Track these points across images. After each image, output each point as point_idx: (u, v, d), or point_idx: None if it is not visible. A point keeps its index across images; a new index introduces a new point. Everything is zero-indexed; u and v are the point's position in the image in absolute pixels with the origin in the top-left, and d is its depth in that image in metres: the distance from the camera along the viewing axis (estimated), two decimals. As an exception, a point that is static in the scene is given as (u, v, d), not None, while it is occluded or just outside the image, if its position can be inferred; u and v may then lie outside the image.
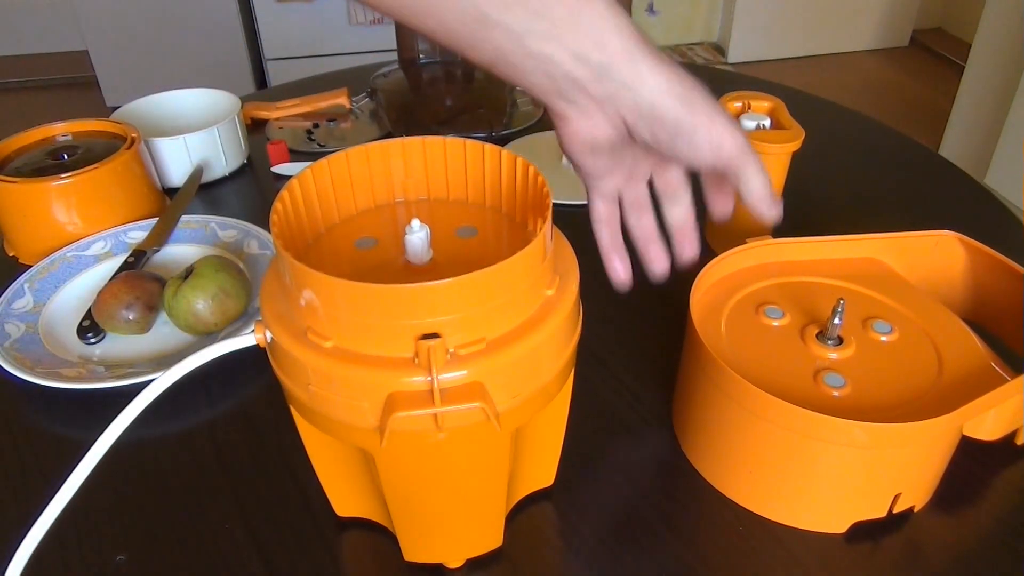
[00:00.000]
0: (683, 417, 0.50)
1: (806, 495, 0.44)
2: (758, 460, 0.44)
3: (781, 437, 0.42)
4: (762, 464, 0.44)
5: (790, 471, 0.44)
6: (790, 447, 0.42)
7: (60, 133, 0.74)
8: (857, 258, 0.54)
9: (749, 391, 0.42)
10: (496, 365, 0.34)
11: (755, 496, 0.46)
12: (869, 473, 0.42)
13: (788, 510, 0.45)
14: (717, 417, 0.46)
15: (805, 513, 0.45)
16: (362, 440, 0.36)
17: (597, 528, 0.46)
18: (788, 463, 0.43)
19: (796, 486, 0.44)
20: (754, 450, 0.44)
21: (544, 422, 0.43)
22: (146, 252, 0.67)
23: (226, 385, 0.55)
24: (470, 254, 0.40)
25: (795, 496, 0.45)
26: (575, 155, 0.39)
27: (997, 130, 1.95)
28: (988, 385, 0.42)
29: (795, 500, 0.45)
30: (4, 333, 0.58)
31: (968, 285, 0.55)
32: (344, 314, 0.33)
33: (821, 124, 0.88)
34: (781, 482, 0.44)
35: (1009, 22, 1.96)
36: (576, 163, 0.40)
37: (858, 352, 0.46)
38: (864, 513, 0.45)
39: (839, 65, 2.88)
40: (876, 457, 0.42)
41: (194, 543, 0.46)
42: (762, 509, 0.46)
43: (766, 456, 0.44)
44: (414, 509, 0.41)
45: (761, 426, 0.43)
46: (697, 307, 0.49)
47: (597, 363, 0.57)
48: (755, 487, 0.46)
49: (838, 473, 0.43)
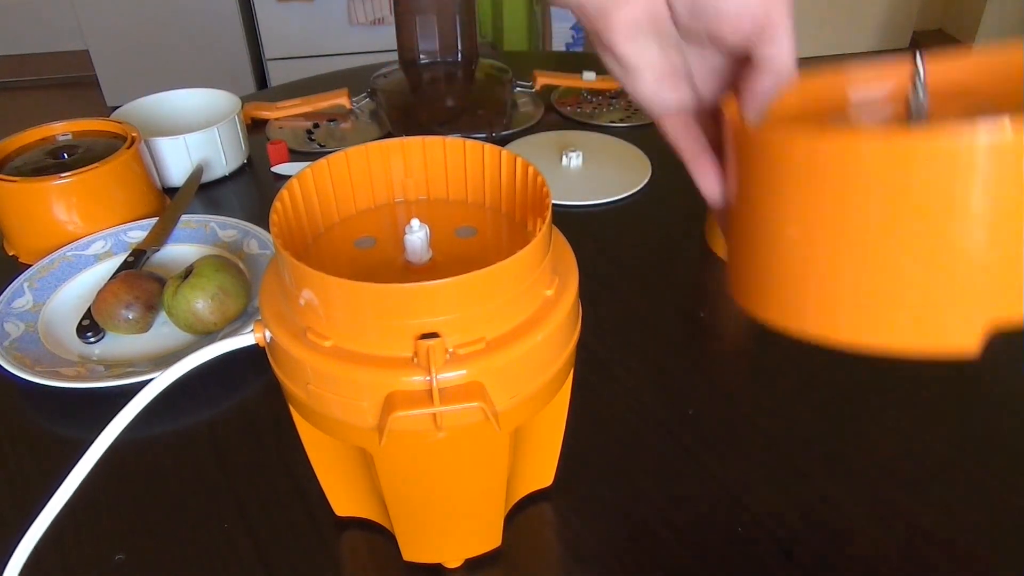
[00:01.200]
0: (746, 258, 0.38)
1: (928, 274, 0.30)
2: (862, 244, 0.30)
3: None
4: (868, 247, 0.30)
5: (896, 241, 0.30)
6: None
7: (60, 132, 0.74)
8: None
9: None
10: (495, 365, 0.34)
11: (858, 310, 0.32)
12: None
13: (900, 316, 0.32)
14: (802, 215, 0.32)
15: (925, 312, 0.31)
16: (361, 440, 0.36)
17: (596, 528, 0.46)
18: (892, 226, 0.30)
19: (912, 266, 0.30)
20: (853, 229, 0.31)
21: (543, 422, 0.43)
22: (146, 252, 0.67)
23: (226, 385, 0.55)
24: (470, 254, 0.40)
25: (911, 287, 0.30)
26: (621, 46, 0.36)
27: (997, 132, 1.95)
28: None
29: (910, 294, 0.31)
30: (4, 332, 0.58)
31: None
32: (343, 314, 0.33)
33: (821, 125, 0.88)
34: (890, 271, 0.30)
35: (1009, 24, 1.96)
36: (626, 57, 0.36)
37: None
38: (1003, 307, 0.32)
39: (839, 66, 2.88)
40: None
41: (193, 542, 0.46)
42: (867, 327, 0.33)
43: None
44: (413, 509, 0.41)
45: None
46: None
47: (597, 363, 0.57)
48: (857, 295, 0.32)
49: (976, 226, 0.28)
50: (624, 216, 0.76)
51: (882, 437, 0.52)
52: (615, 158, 0.84)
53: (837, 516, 0.46)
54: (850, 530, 0.45)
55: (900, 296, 0.31)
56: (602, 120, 0.92)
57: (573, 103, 0.97)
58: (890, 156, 0.28)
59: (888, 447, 0.51)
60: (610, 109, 0.95)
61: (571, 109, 0.95)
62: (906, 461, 0.50)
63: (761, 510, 0.47)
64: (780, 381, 0.56)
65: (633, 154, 0.85)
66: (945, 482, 0.48)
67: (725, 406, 0.54)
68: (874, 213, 0.30)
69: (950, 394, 0.55)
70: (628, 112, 0.94)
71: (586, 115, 0.94)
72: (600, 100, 0.97)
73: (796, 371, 0.57)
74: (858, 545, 0.45)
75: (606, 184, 0.79)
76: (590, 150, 0.85)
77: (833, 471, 0.49)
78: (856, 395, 0.55)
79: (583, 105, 0.96)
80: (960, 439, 0.51)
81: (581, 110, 0.95)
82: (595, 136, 0.89)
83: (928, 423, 0.52)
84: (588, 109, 0.95)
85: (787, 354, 0.58)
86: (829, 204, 0.31)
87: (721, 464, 0.50)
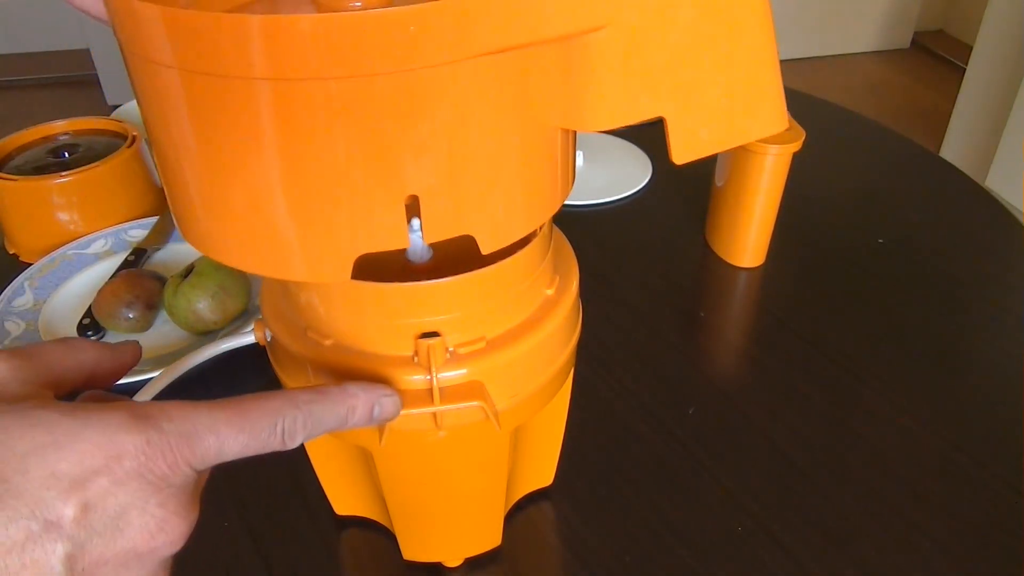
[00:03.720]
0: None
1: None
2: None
3: None
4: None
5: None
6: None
7: (61, 131, 0.74)
8: None
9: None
10: (495, 364, 0.34)
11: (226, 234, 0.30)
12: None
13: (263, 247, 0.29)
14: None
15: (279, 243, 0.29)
16: (361, 439, 0.36)
17: (595, 528, 0.46)
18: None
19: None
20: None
21: (543, 421, 0.43)
22: (147, 250, 0.67)
23: (226, 384, 0.55)
24: (470, 253, 0.40)
25: None
26: None
27: (998, 132, 1.95)
28: None
29: None
30: (4, 331, 0.58)
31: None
32: (344, 313, 0.33)
33: (822, 125, 0.88)
34: None
35: (1010, 24, 1.96)
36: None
37: None
38: None
39: (840, 67, 2.88)
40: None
41: (193, 541, 0.45)
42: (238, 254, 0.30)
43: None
44: (413, 508, 0.41)
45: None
46: None
47: (597, 363, 0.57)
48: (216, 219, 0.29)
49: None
50: (624, 216, 0.76)
51: (882, 437, 0.52)
52: (615, 158, 0.84)
53: (837, 516, 0.46)
54: (850, 530, 0.45)
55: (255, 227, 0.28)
56: (603, 120, 0.92)
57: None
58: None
59: (888, 447, 0.51)
60: (611, 109, 0.95)
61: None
62: (906, 461, 0.50)
63: (761, 510, 0.47)
64: (780, 381, 0.56)
65: (633, 154, 0.85)
66: (945, 482, 0.48)
67: (725, 406, 0.54)
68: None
69: (950, 394, 0.55)
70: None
71: (587, 115, 0.93)
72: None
73: (796, 371, 0.57)
74: (858, 545, 0.45)
75: (606, 184, 0.79)
76: (590, 150, 0.84)
77: (833, 471, 0.49)
78: (856, 395, 0.55)
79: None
80: (959, 438, 0.51)
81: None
82: (595, 136, 0.89)
83: (928, 423, 0.52)
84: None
85: (787, 354, 0.58)
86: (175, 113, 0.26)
87: (721, 464, 0.50)
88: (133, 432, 0.22)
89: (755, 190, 0.63)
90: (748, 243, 0.67)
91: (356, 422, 0.28)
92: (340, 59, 0.23)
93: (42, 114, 1.60)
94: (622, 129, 0.90)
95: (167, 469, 0.23)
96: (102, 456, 0.22)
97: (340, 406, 0.28)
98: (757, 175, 0.63)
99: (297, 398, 0.27)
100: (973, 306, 0.64)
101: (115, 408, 0.23)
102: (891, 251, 0.70)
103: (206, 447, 0.24)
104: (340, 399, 0.28)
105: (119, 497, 0.22)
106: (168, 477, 0.23)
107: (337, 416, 0.28)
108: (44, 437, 0.22)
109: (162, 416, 0.24)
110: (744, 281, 0.67)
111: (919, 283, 0.66)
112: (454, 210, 0.27)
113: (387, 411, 0.30)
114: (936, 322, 0.62)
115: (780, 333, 0.61)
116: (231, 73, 0.23)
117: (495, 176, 0.27)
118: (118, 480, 0.22)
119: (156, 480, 0.23)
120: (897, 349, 0.59)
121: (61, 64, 2.70)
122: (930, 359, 0.58)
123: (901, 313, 0.63)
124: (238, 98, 0.24)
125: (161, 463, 0.23)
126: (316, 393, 0.28)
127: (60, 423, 0.22)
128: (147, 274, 0.61)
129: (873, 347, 0.59)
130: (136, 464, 0.22)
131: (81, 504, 0.21)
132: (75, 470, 0.21)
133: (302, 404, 0.27)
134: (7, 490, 0.21)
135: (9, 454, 0.21)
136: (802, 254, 0.70)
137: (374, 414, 0.29)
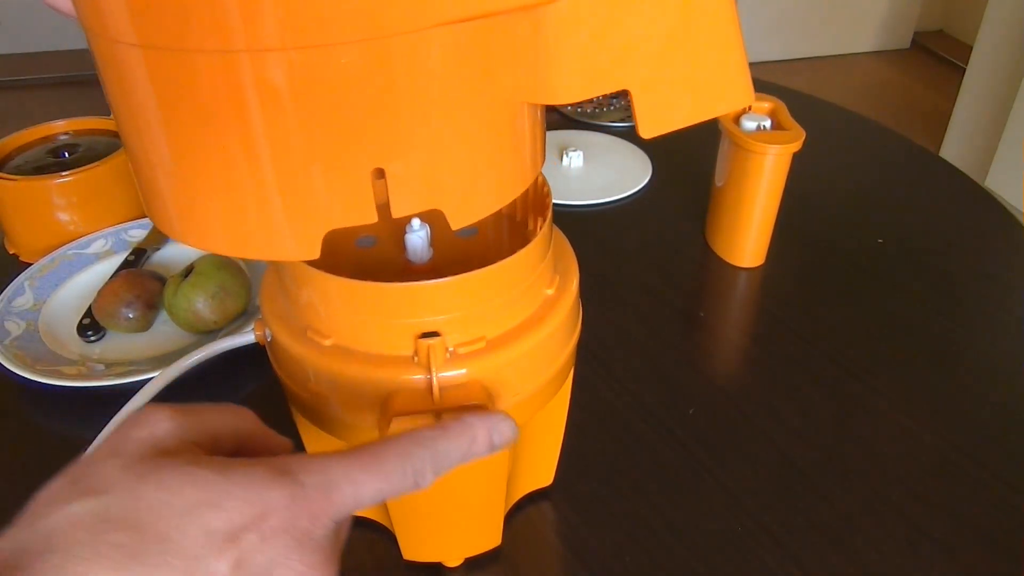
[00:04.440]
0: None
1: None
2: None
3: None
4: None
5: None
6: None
7: (61, 131, 0.74)
8: None
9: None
10: (495, 364, 0.34)
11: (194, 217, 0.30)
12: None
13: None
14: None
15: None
16: (362, 438, 0.36)
17: (595, 528, 0.46)
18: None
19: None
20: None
21: (543, 421, 0.43)
22: (146, 250, 0.67)
23: (226, 383, 0.55)
24: (470, 253, 0.40)
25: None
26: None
27: (998, 132, 1.95)
28: None
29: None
30: (4, 331, 0.58)
31: None
32: (344, 313, 0.33)
33: (822, 126, 0.88)
34: None
35: (1010, 25, 1.96)
36: None
37: None
38: None
39: (840, 67, 2.88)
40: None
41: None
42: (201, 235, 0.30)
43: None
44: (413, 508, 0.41)
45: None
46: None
47: (597, 363, 0.57)
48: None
49: None
50: (624, 216, 0.76)
51: (882, 437, 0.52)
52: (615, 158, 0.84)
53: (837, 516, 0.46)
54: (850, 530, 0.45)
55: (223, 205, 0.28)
56: (603, 120, 0.92)
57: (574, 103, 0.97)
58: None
59: (888, 447, 0.51)
60: (611, 109, 0.95)
61: (572, 109, 0.95)
62: (906, 461, 0.50)
63: (761, 510, 0.47)
64: (780, 381, 0.56)
65: (633, 154, 0.85)
66: (945, 482, 0.48)
67: (725, 406, 0.54)
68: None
69: (950, 394, 0.55)
70: (629, 112, 0.94)
71: (587, 115, 0.94)
72: (601, 100, 0.97)
73: (796, 371, 0.57)
74: (858, 545, 0.45)
75: (606, 184, 0.79)
76: (590, 150, 0.85)
77: (833, 471, 0.49)
78: (856, 395, 0.55)
79: (584, 105, 0.96)
80: (959, 438, 0.51)
81: (582, 110, 0.95)
82: (595, 136, 0.89)
83: (927, 422, 0.52)
84: (589, 109, 0.95)
85: (787, 354, 0.58)
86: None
87: (721, 464, 0.50)
88: (276, 488, 0.23)
89: (755, 190, 0.63)
90: (748, 243, 0.67)
91: (478, 452, 0.29)
92: (301, 29, 0.23)
93: (42, 114, 1.60)
94: (622, 129, 0.90)
95: (309, 524, 0.23)
96: (251, 513, 0.22)
97: (463, 439, 0.28)
98: (757, 175, 0.63)
99: (422, 437, 0.27)
100: (973, 306, 0.64)
101: (257, 464, 0.24)
102: (891, 251, 0.70)
103: (344, 498, 0.24)
104: (461, 432, 0.28)
105: (267, 553, 0.22)
106: (311, 531, 0.24)
107: (460, 450, 0.28)
108: (199, 495, 0.22)
109: (301, 470, 0.24)
110: (744, 281, 0.67)
111: (919, 283, 0.66)
112: (421, 184, 0.27)
113: (505, 436, 0.30)
114: (936, 322, 0.62)
115: (780, 333, 0.61)
116: (193, 47, 0.23)
117: (461, 149, 0.27)
118: (265, 536, 0.22)
119: (300, 535, 0.23)
120: (897, 349, 0.59)
121: (61, 64, 2.70)
122: (930, 359, 0.58)
123: (901, 313, 0.63)
124: (201, 72, 0.24)
125: (304, 519, 0.23)
126: (439, 430, 0.28)
127: (212, 481, 0.23)
128: (147, 274, 0.61)
129: (873, 347, 0.59)
130: (281, 520, 0.23)
131: (234, 560, 0.22)
132: (227, 527, 0.22)
133: (428, 443, 0.27)
134: (167, 549, 0.21)
135: (168, 512, 0.22)
136: (802, 254, 0.70)
137: (494, 441, 0.29)
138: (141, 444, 0.24)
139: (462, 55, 0.25)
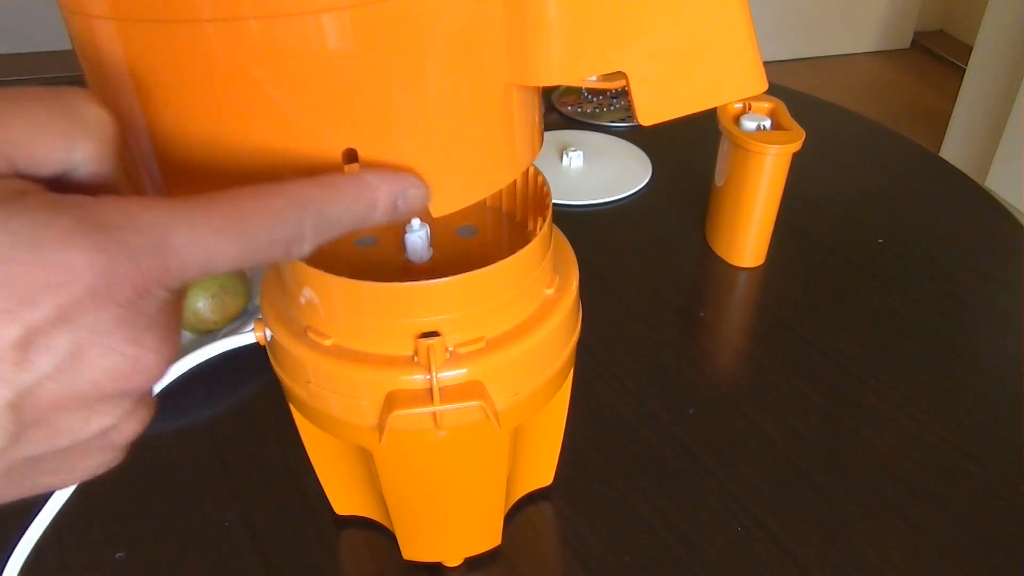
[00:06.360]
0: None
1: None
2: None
3: None
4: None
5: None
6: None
7: (61, 131, 0.74)
8: None
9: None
10: (495, 364, 0.34)
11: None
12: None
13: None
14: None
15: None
16: (361, 438, 0.36)
17: (595, 528, 0.46)
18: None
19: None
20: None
21: (543, 421, 0.43)
22: (146, 250, 0.67)
23: (226, 383, 0.55)
24: (470, 253, 0.40)
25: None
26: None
27: (998, 133, 1.95)
28: None
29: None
30: (4, 331, 0.58)
31: None
32: (344, 312, 0.33)
33: (822, 126, 0.88)
34: None
35: (1010, 25, 1.96)
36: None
37: None
38: None
39: (840, 67, 2.88)
40: None
41: (193, 541, 0.46)
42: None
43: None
44: (413, 508, 0.41)
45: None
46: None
47: (597, 363, 0.57)
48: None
49: None
50: (624, 216, 0.76)
51: (881, 437, 0.52)
52: (615, 158, 0.84)
53: (837, 516, 0.46)
54: (850, 530, 0.45)
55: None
56: (603, 120, 0.92)
57: (574, 103, 0.97)
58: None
59: (888, 447, 0.51)
60: (611, 109, 0.95)
61: (572, 109, 0.95)
62: (906, 461, 0.50)
63: (761, 510, 0.47)
64: (780, 381, 0.56)
65: (633, 154, 0.85)
66: (945, 482, 0.48)
67: (725, 406, 0.54)
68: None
69: (950, 394, 0.55)
70: (629, 112, 0.94)
71: (587, 115, 0.94)
72: (601, 100, 0.97)
73: (796, 371, 0.57)
74: (858, 545, 0.45)
75: (606, 184, 0.79)
76: (590, 150, 0.85)
77: (833, 471, 0.49)
78: (855, 395, 0.55)
79: (584, 105, 0.96)
80: (959, 438, 0.51)
81: (582, 110, 0.95)
82: (595, 136, 0.89)
83: (927, 422, 0.52)
84: (589, 109, 0.95)
85: (787, 354, 0.58)
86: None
87: (721, 464, 0.50)
88: (87, 249, 0.17)
89: (755, 190, 0.63)
90: (748, 243, 0.67)
91: (376, 219, 0.23)
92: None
93: (42, 114, 1.60)
94: (622, 129, 0.90)
95: (134, 294, 0.18)
96: (41, 281, 0.16)
97: (357, 202, 0.23)
98: (757, 175, 0.63)
99: (302, 194, 0.22)
100: (973, 306, 0.64)
101: (58, 209, 0.17)
102: (891, 251, 0.70)
103: (184, 263, 0.19)
104: (356, 193, 0.23)
105: (71, 333, 0.17)
106: (137, 304, 0.18)
107: (354, 215, 0.23)
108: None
109: (127, 224, 0.18)
110: (744, 281, 0.67)
111: (919, 283, 0.66)
112: (397, 168, 0.25)
113: (413, 203, 0.25)
114: (936, 322, 0.62)
115: (780, 333, 0.61)
116: (167, 17, 0.22)
117: (441, 133, 0.25)
118: (66, 314, 0.17)
119: (121, 310, 0.18)
120: (897, 349, 0.59)
121: (61, 64, 2.70)
122: (930, 359, 0.58)
123: (901, 313, 0.63)
124: (173, 43, 0.23)
125: (127, 288, 0.18)
126: (325, 188, 0.22)
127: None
128: (147, 274, 0.61)
129: (873, 347, 0.59)
130: (91, 291, 0.17)
131: (17, 345, 0.16)
132: (2, 304, 0.16)
133: (309, 203, 0.22)
134: None
135: None
136: (802, 254, 0.70)
137: (398, 208, 0.24)
138: None
139: (443, 30, 0.23)
